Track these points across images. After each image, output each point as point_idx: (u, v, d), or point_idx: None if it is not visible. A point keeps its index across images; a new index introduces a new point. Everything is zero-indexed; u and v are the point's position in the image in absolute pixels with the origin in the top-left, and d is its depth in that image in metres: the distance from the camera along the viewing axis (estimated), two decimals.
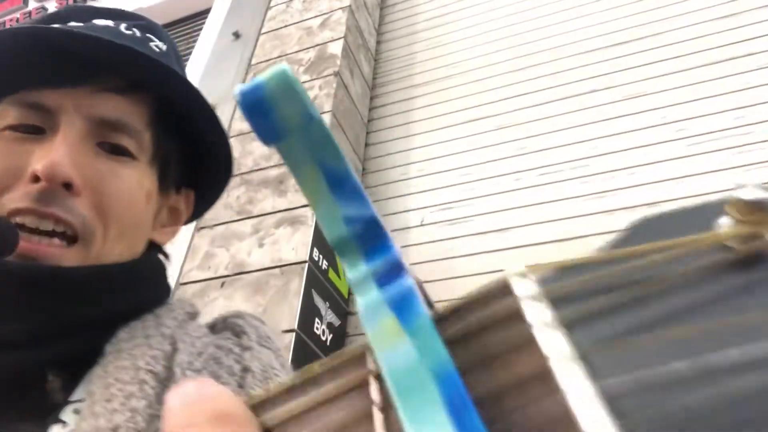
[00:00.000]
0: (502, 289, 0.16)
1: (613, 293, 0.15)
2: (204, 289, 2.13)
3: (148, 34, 0.50)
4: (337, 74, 2.69)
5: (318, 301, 2.06)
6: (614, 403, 0.13)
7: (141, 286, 0.47)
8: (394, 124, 2.93)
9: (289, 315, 1.89)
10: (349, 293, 2.37)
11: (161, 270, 0.51)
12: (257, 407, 0.17)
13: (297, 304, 1.92)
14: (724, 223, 0.15)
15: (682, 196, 2.10)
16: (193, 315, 0.48)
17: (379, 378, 0.16)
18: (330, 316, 2.13)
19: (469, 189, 2.49)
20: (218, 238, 2.29)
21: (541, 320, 0.14)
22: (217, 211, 2.38)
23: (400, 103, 3.01)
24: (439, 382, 0.14)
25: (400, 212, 2.57)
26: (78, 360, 0.40)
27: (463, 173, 2.56)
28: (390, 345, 0.16)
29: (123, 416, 0.34)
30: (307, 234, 2.13)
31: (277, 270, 2.05)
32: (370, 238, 0.17)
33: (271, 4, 3.33)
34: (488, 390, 0.14)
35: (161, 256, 0.53)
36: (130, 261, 0.46)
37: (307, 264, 2.04)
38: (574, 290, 0.15)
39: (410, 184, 2.65)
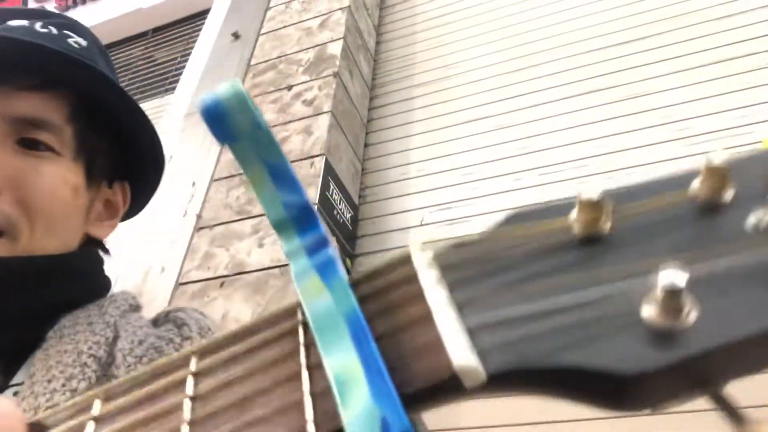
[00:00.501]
0: (406, 258, 0.22)
1: (485, 262, 0.21)
2: (203, 289, 2.12)
3: (65, 31, 0.50)
4: (336, 75, 2.69)
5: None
6: (474, 334, 0.18)
7: (76, 278, 0.47)
8: (394, 124, 2.93)
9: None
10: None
11: (98, 263, 0.52)
12: (198, 353, 0.22)
13: (298, 303, 1.92)
14: (572, 214, 0.21)
15: None
16: (136, 307, 0.49)
17: (305, 326, 0.21)
18: None
19: (469, 189, 2.49)
20: (218, 238, 2.28)
21: (429, 281, 0.21)
22: (217, 211, 2.38)
23: (400, 103, 3.01)
24: (348, 321, 0.19)
25: (400, 212, 2.56)
26: (20, 348, 0.41)
27: (463, 173, 2.55)
28: (314, 297, 0.21)
29: (63, 396, 0.34)
30: None
31: (276, 270, 2.05)
32: (303, 219, 0.23)
33: (271, 4, 3.33)
34: (387, 328, 0.20)
35: (100, 252, 0.53)
36: (64, 254, 0.47)
37: None
38: (457, 260, 0.22)
39: (410, 184, 2.64)
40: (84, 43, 0.51)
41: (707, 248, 0.19)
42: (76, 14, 4.15)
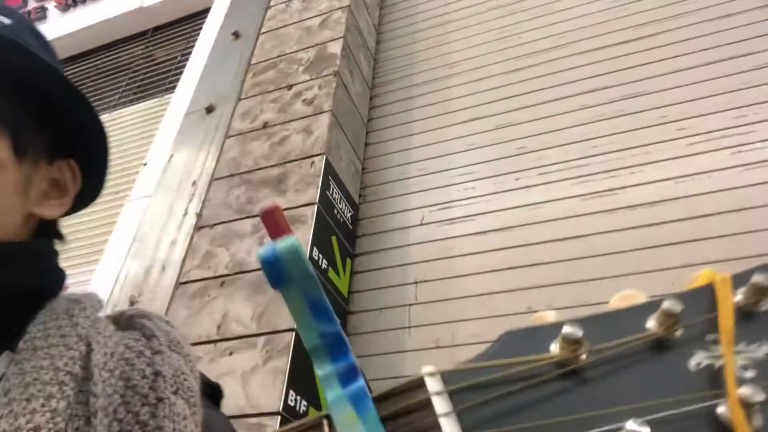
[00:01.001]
0: (419, 384, 0.25)
1: (487, 390, 0.25)
2: (204, 289, 2.13)
3: None
4: (336, 74, 2.69)
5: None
6: None
7: (22, 270, 0.46)
8: (394, 123, 2.93)
9: (289, 315, 1.89)
10: (349, 292, 2.38)
11: (47, 253, 0.50)
12: None
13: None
14: (554, 348, 0.26)
15: (682, 195, 2.10)
16: (100, 310, 0.48)
17: None
18: None
19: (468, 188, 2.49)
20: (218, 237, 2.29)
21: (442, 409, 0.24)
22: (217, 211, 2.38)
23: (400, 102, 3.01)
24: None
25: (400, 211, 2.57)
26: None
27: (463, 173, 2.56)
28: (350, 428, 0.24)
29: (43, 417, 0.34)
30: (306, 234, 2.13)
31: None
32: (336, 347, 0.26)
33: (271, 3, 3.33)
34: None
35: (54, 239, 0.52)
36: (11, 242, 0.46)
37: None
38: (463, 387, 0.25)
39: (410, 183, 2.65)
40: (7, 21, 0.50)
41: (659, 391, 0.24)
42: (77, 13, 4.15)
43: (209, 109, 2.86)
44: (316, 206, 2.21)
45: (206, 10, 3.70)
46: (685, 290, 0.28)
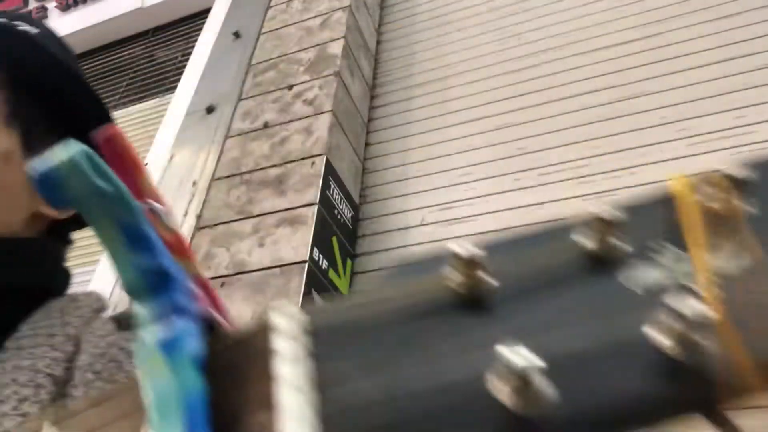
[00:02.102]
0: (267, 326, 0.20)
1: (357, 330, 0.19)
2: None
3: (15, 21, 0.49)
4: (337, 74, 2.69)
5: (318, 300, 2.06)
6: (319, 418, 0.16)
7: (27, 267, 0.45)
8: (395, 123, 2.93)
9: None
10: (350, 293, 2.38)
11: (49, 252, 0.49)
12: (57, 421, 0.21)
13: (297, 303, 1.92)
14: (447, 272, 0.19)
15: None
16: (99, 309, 0.46)
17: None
18: None
19: (468, 189, 2.49)
20: (218, 237, 2.29)
21: (289, 355, 0.19)
22: (218, 211, 2.38)
23: (400, 103, 3.01)
24: (186, 406, 0.18)
25: (400, 212, 2.57)
26: None
27: (463, 173, 2.56)
28: (156, 376, 0.19)
29: (13, 421, 0.33)
30: (307, 234, 2.13)
31: (277, 270, 2.05)
32: (158, 283, 0.21)
33: (271, 4, 3.33)
34: (231, 413, 0.18)
35: (61, 242, 0.51)
36: (13, 238, 0.45)
37: (307, 264, 2.04)
38: (326, 327, 0.19)
39: (410, 183, 2.65)
40: (34, 30, 0.49)
41: (582, 317, 0.17)
42: (77, 13, 4.15)
43: (210, 110, 2.86)
44: (317, 207, 2.21)
45: (206, 11, 3.70)
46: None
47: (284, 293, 1.97)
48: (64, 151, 0.20)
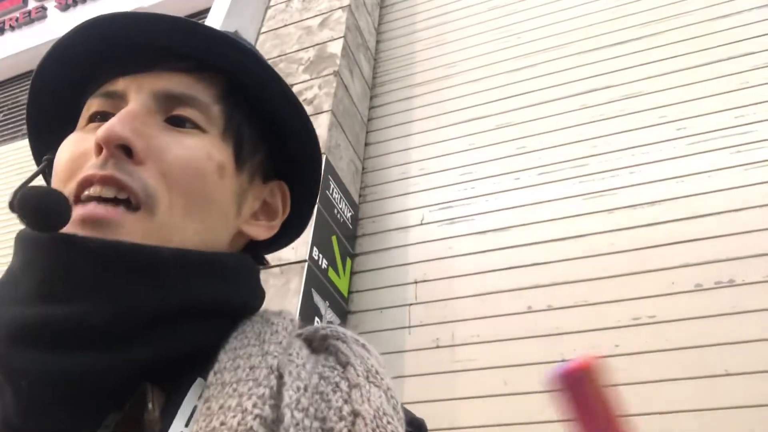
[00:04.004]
0: None
1: None
2: None
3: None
4: (336, 74, 2.69)
5: (318, 300, 2.06)
6: None
7: (229, 282, 0.43)
8: (394, 123, 2.93)
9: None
10: (349, 292, 2.38)
11: (253, 270, 0.48)
12: None
13: (297, 303, 1.92)
14: None
15: (682, 195, 2.10)
16: (293, 332, 0.44)
17: None
18: (330, 315, 2.13)
19: (468, 188, 2.49)
20: None
21: None
22: None
23: (400, 102, 3.01)
24: None
25: (400, 211, 2.57)
26: (171, 375, 0.37)
27: (463, 172, 2.56)
28: None
29: None
30: (306, 233, 2.13)
31: (276, 269, 2.05)
32: None
33: (271, 3, 3.33)
34: None
35: (257, 259, 0.50)
36: (221, 252, 0.44)
37: (306, 263, 2.04)
38: None
39: (410, 183, 2.65)
40: (252, 48, 0.50)
41: None
42: (76, 14, 4.15)
43: None
44: (316, 206, 2.21)
45: (206, 10, 3.70)
46: None
47: (284, 293, 1.98)
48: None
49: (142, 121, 0.42)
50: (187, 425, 0.35)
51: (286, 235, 0.55)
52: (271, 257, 0.56)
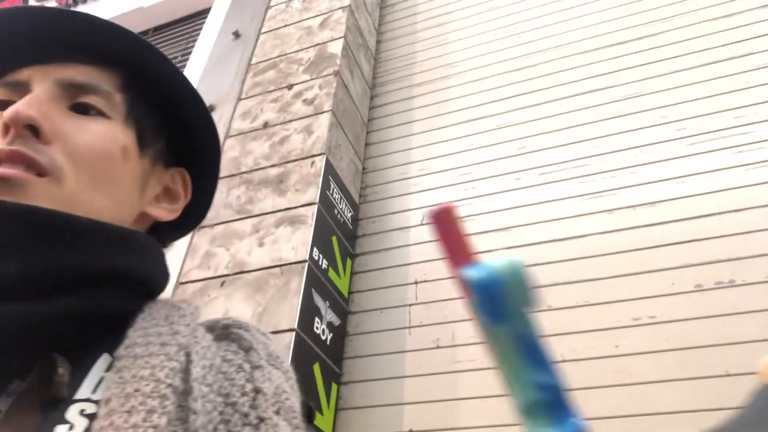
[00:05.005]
0: None
1: None
2: (204, 289, 2.13)
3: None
4: (337, 74, 2.69)
5: (318, 300, 2.06)
6: None
7: (139, 257, 0.45)
8: (394, 123, 2.93)
9: (289, 314, 1.89)
10: (349, 292, 2.38)
11: (159, 250, 0.50)
12: None
13: (297, 303, 1.92)
14: None
15: (682, 195, 2.10)
16: (197, 318, 0.47)
17: None
18: (330, 316, 2.13)
19: (469, 188, 2.49)
20: (218, 237, 2.29)
21: None
22: (217, 211, 2.38)
23: (400, 102, 3.01)
24: None
25: (401, 211, 2.57)
26: (80, 345, 0.39)
27: (463, 173, 2.56)
28: None
29: None
30: (307, 233, 2.13)
31: (277, 269, 2.06)
32: (558, 405, 0.19)
33: (271, 3, 3.33)
34: None
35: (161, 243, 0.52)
36: (131, 229, 0.46)
37: (307, 263, 2.04)
38: None
39: (410, 183, 2.65)
40: (153, 44, 0.54)
41: None
42: None
43: (209, 109, 2.86)
44: (317, 206, 2.21)
45: (206, 10, 3.70)
46: None
47: (284, 293, 1.98)
48: (509, 265, 0.19)
49: (48, 105, 0.44)
50: (93, 392, 0.37)
51: (191, 218, 0.57)
52: (272, 257, 0.57)
